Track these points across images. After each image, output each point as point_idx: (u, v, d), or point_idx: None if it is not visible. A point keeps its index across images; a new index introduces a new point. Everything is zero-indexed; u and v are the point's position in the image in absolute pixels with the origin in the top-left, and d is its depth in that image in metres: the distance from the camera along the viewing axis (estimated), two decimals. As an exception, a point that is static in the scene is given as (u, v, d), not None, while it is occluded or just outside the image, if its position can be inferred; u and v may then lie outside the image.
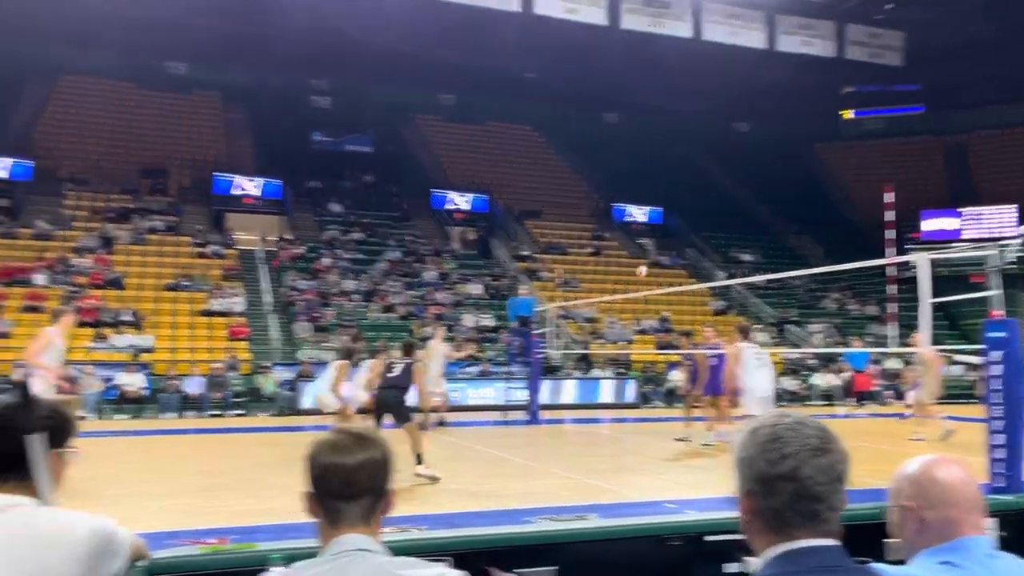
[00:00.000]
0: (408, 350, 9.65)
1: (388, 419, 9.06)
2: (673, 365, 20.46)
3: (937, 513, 1.62)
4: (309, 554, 1.88)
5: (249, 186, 27.27)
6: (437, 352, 14.83)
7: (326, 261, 24.32)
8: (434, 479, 8.67)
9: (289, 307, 22.02)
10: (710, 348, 12.56)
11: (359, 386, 10.58)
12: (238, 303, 21.37)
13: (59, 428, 1.92)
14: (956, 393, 24.08)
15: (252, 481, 9.06)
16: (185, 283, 21.70)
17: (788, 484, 1.39)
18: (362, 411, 10.39)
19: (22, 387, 1.79)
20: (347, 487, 1.64)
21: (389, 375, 9.11)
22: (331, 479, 1.64)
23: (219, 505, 7.68)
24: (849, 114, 38.43)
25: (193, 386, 17.47)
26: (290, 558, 2.05)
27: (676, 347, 13.77)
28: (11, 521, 1.74)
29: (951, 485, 1.63)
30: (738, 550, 2.63)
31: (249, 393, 18.34)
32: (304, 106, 33.21)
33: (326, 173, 29.60)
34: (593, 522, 2.89)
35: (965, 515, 1.60)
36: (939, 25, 30.87)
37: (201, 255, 23.49)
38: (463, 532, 2.54)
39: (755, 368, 11.14)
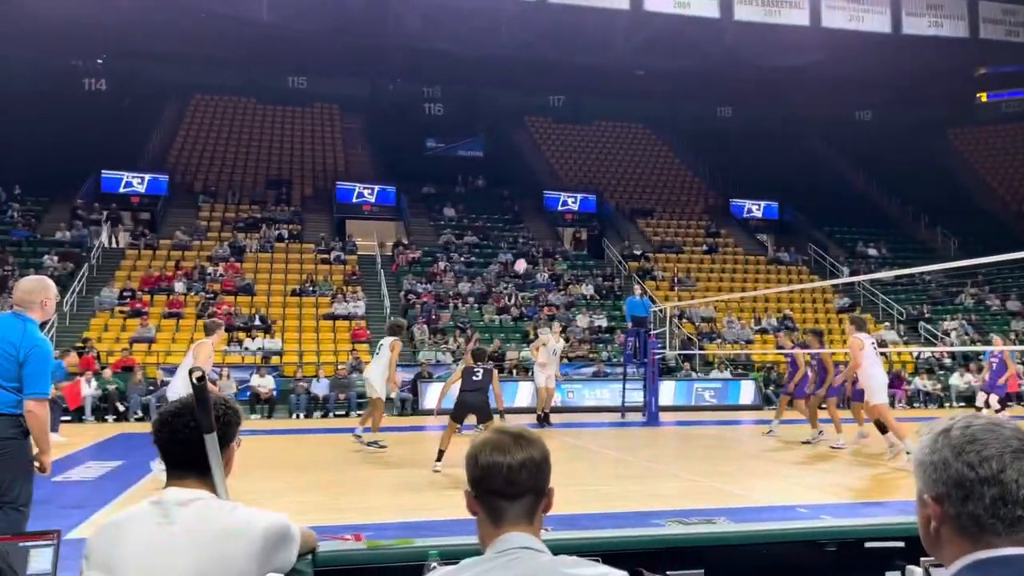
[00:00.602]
0: (481, 356, 10.18)
1: (469, 420, 10.00)
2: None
3: None
4: (464, 551, 1.91)
5: (367, 193, 28.20)
6: (550, 347, 15.16)
7: (441, 264, 24.82)
8: None
9: (408, 310, 22.59)
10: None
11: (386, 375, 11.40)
12: (359, 307, 22.09)
13: (229, 424, 2.03)
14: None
15: (376, 478, 9.33)
16: (310, 288, 22.62)
17: (990, 488, 1.31)
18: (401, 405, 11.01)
19: (200, 388, 1.90)
20: (510, 486, 1.65)
21: (474, 379, 9.81)
22: (494, 478, 1.66)
23: (348, 501, 7.95)
24: (985, 97, 36.06)
25: (319, 387, 18.16)
26: (446, 555, 2.09)
27: (805, 346, 13.27)
28: (195, 514, 1.85)
29: None
30: (899, 557, 2.50)
31: (371, 394, 18.90)
32: (418, 113, 34.09)
33: (440, 178, 30.24)
34: (743, 526, 2.81)
35: None
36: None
37: (324, 261, 24.43)
38: (612, 533, 2.52)
39: (876, 361, 10.59)
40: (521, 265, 25.43)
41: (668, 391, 19.17)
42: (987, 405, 14.25)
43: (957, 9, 28.86)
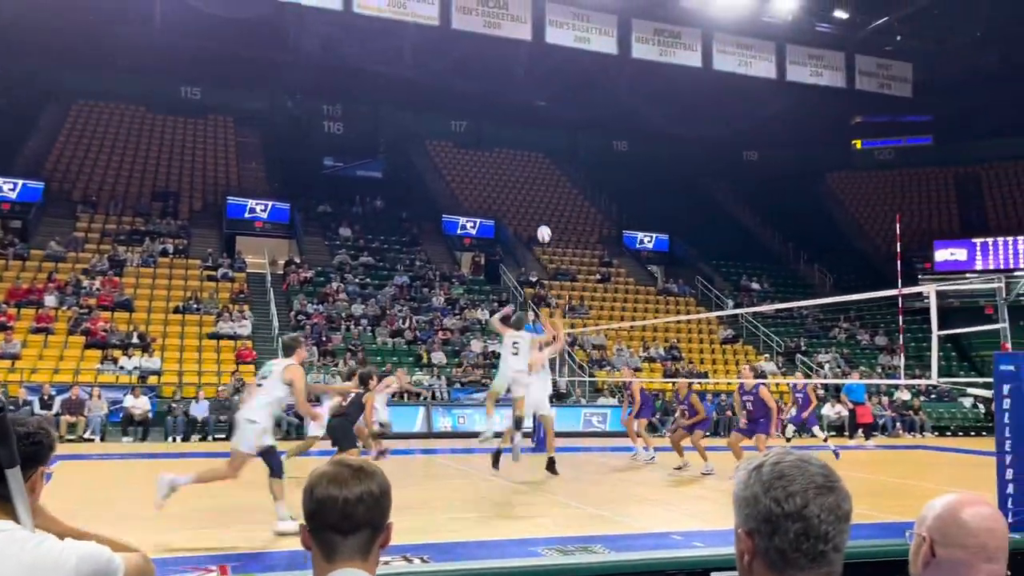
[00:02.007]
0: (363, 380, 10.02)
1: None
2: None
3: (949, 552, 1.57)
4: None
5: (260, 209, 27.45)
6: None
7: (335, 285, 24.39)
8: None
9: (297, 331, 22.03)
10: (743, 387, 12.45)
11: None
12: (246, 326, 21.41)
13: (40, 444, 1.93)
14: (966, 426, 23.90)
15: (256, 507, 8.99)
16: (194, 306, 21.78)
17: (795, 523, 1.35)
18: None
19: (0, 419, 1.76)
20: (345, 520, 1.60)
21: (343, 404, 9.75)
22: (329, 512, 1.61)
23: (223, 532, 7.62)
24: (860, 144, 38.48)
25: (199, 409, 17.44)
26: None
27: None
28: None
29: (972, 528, 1.57)
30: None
31: (255, 417, 18.28)
32: (317, 131, 33.55)
33: (337, 198, 29.79)
34: (598, 556, 2.84)
35: (976, 560, 1.55)
36: (947, 57, 31.06)
37: (210, 278, 23.60)
38: (482, 565, 2.50)
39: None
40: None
41: (558, 417, 19.32)
42: (797, 435, 15.30)
43: (836, 61, 30.75)
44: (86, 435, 16.38)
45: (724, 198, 36.57)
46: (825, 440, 14.96)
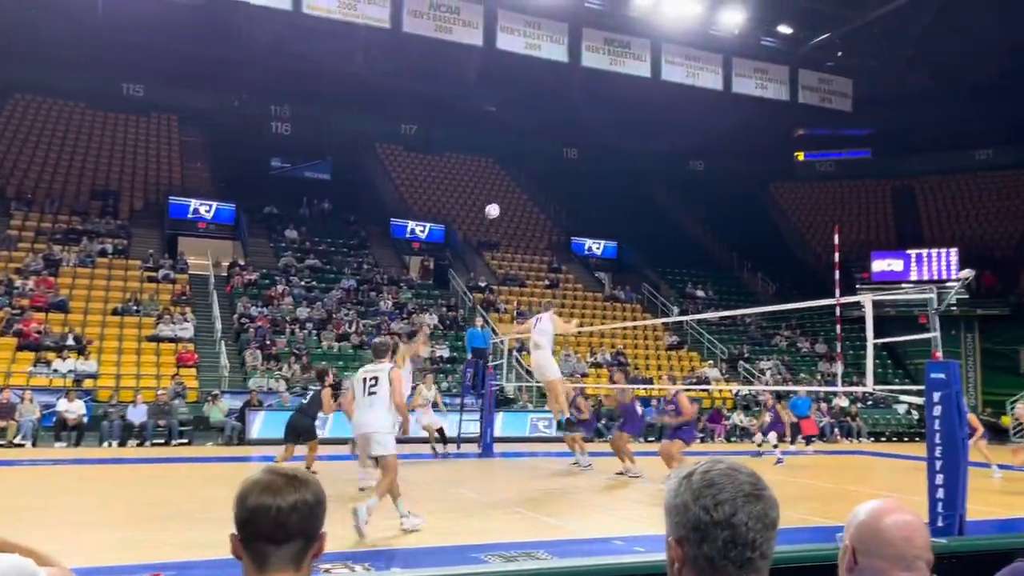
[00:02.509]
0: (319, 377, 10.49)
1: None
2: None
3: (869, 560, 1.62)
4: None
5: (204, 210, 26.91)
6: (425, 395, 15.07)
7: (280, 288, 24.03)
8: None
9: (240, 334, 21.66)
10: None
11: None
12: (187, 329, 20.94)
13: None
14: (900, 431, 24.64)
15: (194, 514, 8.80)
16: (133, 307, 21.23)
17: (723, 531, 1.38)
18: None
19: None
20: (277, 530, 1.57)
21: (302, 401, 10.22)
22: (261, 521, 1.58)
23: (159, 538, 7.43)
24: (802, 156, 39.44)
25: (136, 414, 16.98)
26: None
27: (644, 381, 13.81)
28: None
29: (890, 538, 1.62)
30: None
31: (195, 422, 17.92)
32: (264, 131, 33.02)
33: (283, 199, 29.35)
34: (542, 562, 2.85)
35: (894, 569, 1.60)
36: (885, 74, 32.08)
37: (151, 279, 23.03)
38: (412, 573, 2.49)
39: None
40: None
41: (505, 422, 19.37)
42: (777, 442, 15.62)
43: (780, 74, 31.48)
44: (16, 440, 15.82)
45: (671, 206, 37.09)
46: (762, 446, 15.33)
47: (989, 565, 2.12)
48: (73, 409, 16.40)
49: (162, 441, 16.80)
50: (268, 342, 21.12)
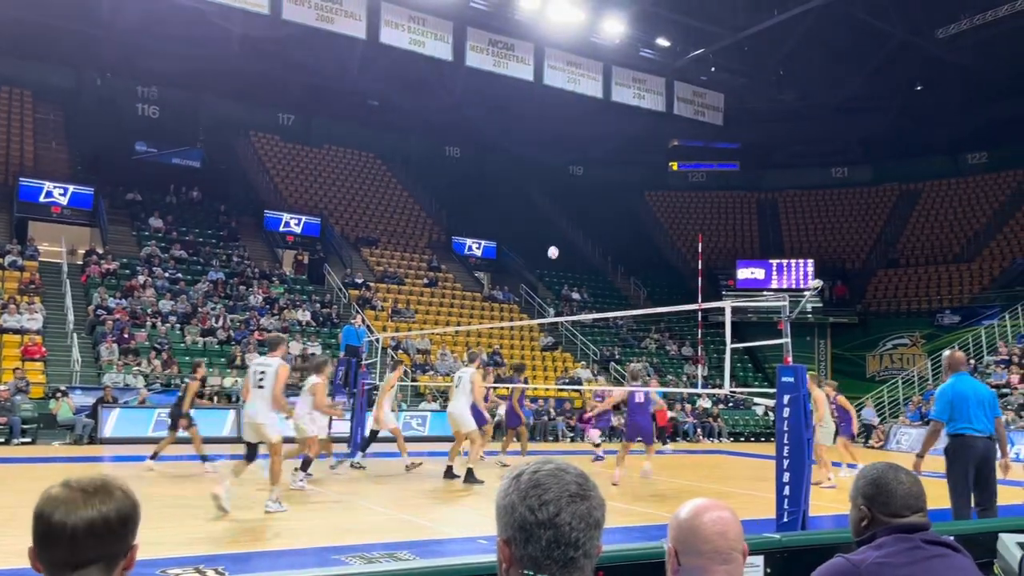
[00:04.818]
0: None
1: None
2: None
3: (689, 560, 1.66)
4: None
5: (59, 194, 25.14)
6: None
7: (141, 279, 22.79)
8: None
9: (96, 327, 20.38)
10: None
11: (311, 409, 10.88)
12: (36, 320, 19.53)
13: None
14: (759, 431, 25.98)
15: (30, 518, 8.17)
16: (-27, 296, 19.62)
17: (547, 531, 1.37)
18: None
19: None
20: (72, 554, 1.43)
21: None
22: (54, 543, 1.44)
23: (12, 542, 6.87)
24: (675, 166, 40.94)
25: (-26, 411, 15.69)
26: None
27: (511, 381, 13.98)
28: None
29: (706, 534, 1.66)
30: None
31: (41, 419, 16.72)
32: (129, 113, 31.24)
33: (148, 185, 27.86)
34: (403, 563, 2.78)
35: (711, 564, 1.65)
36: (755, 91, 33.76)
37: (-4, 266, 21.36)
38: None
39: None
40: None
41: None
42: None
43: (657, 85, 32.53)
44: None
45: (550, 209, 37.66)
46: (597, 445, 15.85)
47: (817, 558, 2.22)
48: (-103, 405, 14.98)
49: (2, 440, 15.59)
50: (126, 336, 19.99)
